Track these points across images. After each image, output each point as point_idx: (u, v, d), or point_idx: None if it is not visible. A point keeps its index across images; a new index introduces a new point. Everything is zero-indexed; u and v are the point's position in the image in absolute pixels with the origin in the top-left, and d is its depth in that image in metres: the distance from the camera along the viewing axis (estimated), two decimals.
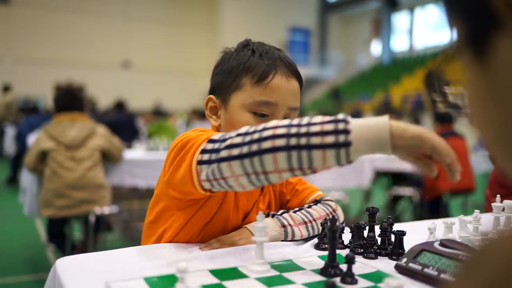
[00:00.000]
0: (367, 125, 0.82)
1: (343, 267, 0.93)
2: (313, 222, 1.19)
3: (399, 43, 26.38)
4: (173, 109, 13.70)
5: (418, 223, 1.43)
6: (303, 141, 0.82)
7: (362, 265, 1.00)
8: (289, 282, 0.89)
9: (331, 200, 1.30)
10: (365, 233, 1.11)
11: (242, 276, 0.91)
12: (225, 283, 0.87)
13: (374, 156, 5.06)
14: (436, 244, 0.98)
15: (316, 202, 1.29)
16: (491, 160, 2.03)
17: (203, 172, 0.94)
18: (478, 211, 1.23)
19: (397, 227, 1.19)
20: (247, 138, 0.87)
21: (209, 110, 1.22)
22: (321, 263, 1.00)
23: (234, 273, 0.92)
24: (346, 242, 1.14)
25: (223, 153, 0.89)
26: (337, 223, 0.94)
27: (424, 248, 0.97)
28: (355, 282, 0.88)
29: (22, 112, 9.60)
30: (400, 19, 26.37)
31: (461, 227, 1.20)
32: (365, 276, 0.93)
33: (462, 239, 1.15)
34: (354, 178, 4.44)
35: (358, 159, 0.84)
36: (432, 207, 4.72)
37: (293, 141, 0.82)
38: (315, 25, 26.88)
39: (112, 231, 4.10)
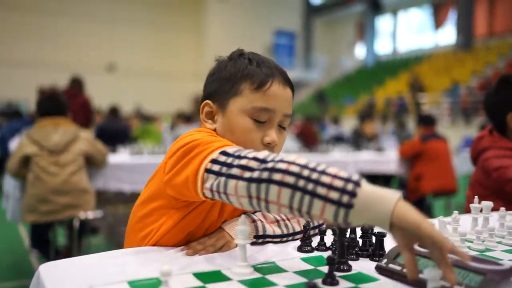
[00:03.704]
0: (375, 195, 0.81)
1: (325, 268, 0.94)
2: (286, 221, 1.22)
3: (383, 46, 26.64)
4: (158, 113, 13.63)
5: None
6: (310, 186, 0.84)
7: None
8: (272, 284, 0.90)
9: None
10: (347, 235, 1.13)
11: (225, 279, 0.92)
12: (208, 286, 0.88)
13: (358, 158, 5.11)
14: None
15: None
16: (473, 161, 2.08)
17: (208, 181, 0.98)
18: (457, 212, 1.25)
19: (378, 229, 1.21)
20: (262, 165, 0.90)
21: (204, 115, 1.24)
22: (304, 266, 1.02)
23: (217, 276, 0.93)
24: (328, 244, 1.16)
25: (235, 171, 0.93)
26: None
27: None
28: (336, 283, 0.90)
29: (4, 116, 9.48)
30: (383, 22, 26.64)
31: (441, 228, 1.23)
32: (346, 278, 0.95)
33: None
34: None
35: (343, 160, 0.86)
36: (416, 208, 4.78)
37: (301, 183, 0.85)
38: (300, 28, 27.03)
39: (97, 234, 4.07)
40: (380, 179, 5.44)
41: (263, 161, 0.91)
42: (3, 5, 19.13)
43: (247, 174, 0.91)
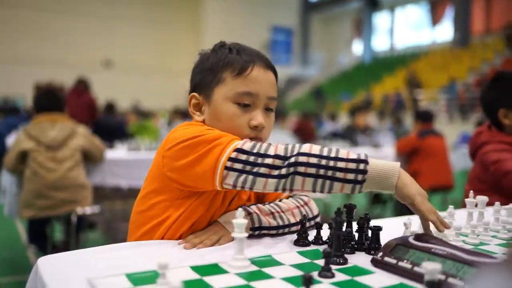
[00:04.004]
0: (381, 169, 1.02)
1: (321, 262, 0.95)
2: (281, 213, 1.23)
3: (380, 43, 26.62)
4: (155, 109, 13.62)
5: (395, 219, 1.47)
6: (329, 173, 1.00)
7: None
8: (269, 276, 0.91)
9: (305, 196, 1.34)
10: (343, 229, 1.14)
11: (222, 271, 0.93)
12: (205, 278, 0.89)
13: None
14: (410, 239, 1.01)
15: (289, 197, 1.33)
16: (471, 156, 2.09)
17: (229, 178, 1.05)
18: (452, 206, 1.27)
19: (374, 223, 1.22)
20: (286, 162, 1.02)
21: (192, 107, 1.27)
22: (300, 259, 1.03)
23: (214, 269, 0.94)
24: (324, 238, 1.17)
25: (263, 170, 1.02)
26: (341, 216, 1.02)
27: (399, 243, 1.00)
28: (332, 276, 0.91)
29: (1, 112, 9.46)
30: (381, 18, 26.61)
31: None
32: (342, 270, 0.96)
33: (436, 233, 1.18)
34: None
35: None
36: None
37: (321, 171, 1.00)
38: (297, 25, 26.99)
39: (94, 229, 4.07)
40: None
41: (285, 157, 1.02)
42: (0, 2, 19.06)
43: (275, 172, 1.02)
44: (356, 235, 1.13)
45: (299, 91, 24.73)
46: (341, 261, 1.00)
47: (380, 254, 1.00)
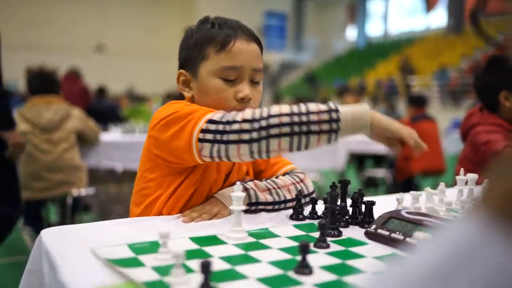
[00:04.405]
0: (352, 113, 1.04)
1: (316, 234, 0.99)
2: (278, 189, 1.26)
3: (374, 28, 26.58)
4: (149, 93, 13.57)
5: (387, 196, 1.50)
6: (304, 128, 1.01)
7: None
8: (266, 247, 0.94)
9: (301, 173, 1.37)
10: (338, 203, 1.17)
11: (221, 242, 0.96)
12: (205, 248, 0.92)
13: (348, 139, 5.15)
14: (403, 212, 1.04)
15: (285, 174, 1.36)
16: (462, 137, 2.13)
17: (205, 149, 1.06)
18: (443, 183, 1.30)
19: (367, 198, 1.25)
20: (256, 125, 1.01)
21: (181, 84, 1.30)
22: (296, 232, 1.06)
23: (213, 240, 0.97)
24: (319, 213, 1.20)
25: (233, 137, 1.02)
26: (336, 190, 1.06)
27: (391, 216, 1.04)
28: (327, 246, 0.94)
29: None
30: (375, 4, 26.54)
31: (428, 198, 1.28)
32: (337, 242, 0.99)
33: (428, 209, 1.22)
34: (329, 160, 4.52)
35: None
36: (404, 187, 4.84)
37: (296, 128, 1.00)
38: (291, 10, 26.85)
39: (89, 211, 4.10)
40: (370, 159, 5.51)
41: (253, 120, 1.02)
42: None
43: (245, 136, 1.01)
44: (350, 209, 1.16)
45: (293, 76, 24.70)
46: (336, 233, 1.03)
47: (373, 226, 1.03)
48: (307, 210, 1.21)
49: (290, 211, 1.20)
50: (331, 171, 4.97)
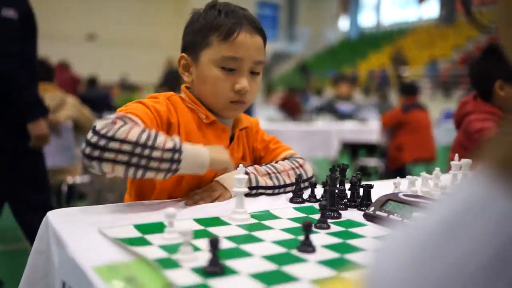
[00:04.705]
0: (193, 156, 1.05)
1: (316, 216, 1.01)
2: (277, 174, 1.29)
3: (367, 19, 26.59)
4: (141, 83, 13.52)
5: (385, 181, 1.53)
6: (143, 162, 0.99)
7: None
8: (268, 227, 0.97)
9: (300, 158, 1.39)
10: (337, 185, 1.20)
11: (224, 223, 0.99)
12: (209, 229, 0.94)
13: (341, 128, 5.20)
14: (400, 195, 1.07)
15: (285, 159, 1.38)
16: (456, 125, 2.17)
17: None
18: (438, 168, 1.33)
19: (366, 181, 1.28)
20: (99, 142, 0.97)
21: (182, 67, 1.30)
22: (296, 214, 1.09)
23: (216, 221, 1.00)
24: (318, 196, 1.22)
25: (84, 148, 1.00)
26: (336, 173, 1.09)
27: (389, 198, 1.07)
28: (328, 227, 0.97)
29: None
30: None
31: (423, 183, 1.31)
32: (337, 223, 1.02)
33: (423, 193, 1.25)
34: (322, 148, 4.56)
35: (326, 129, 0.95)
36: (396, 176, 4.90)
37: (134, 160, 0.99)
38: (284, 0, 26.77)
39: (84, 199, 4.11)
40: (363, 148, 5.55)
41: (99, 135, 0.98)
42: None
43: (87, 150, 0.99)
44: (349, 193, 1.19)
45: (285, 67, 24.68)
46: (335, 215, 1.06)
47: (372, 208, 1.06)
48: (306, 194, 1.24)
49: (290, 195, 1.23)
50: (324, 160, 5.01)
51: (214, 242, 0.71)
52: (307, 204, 1.19)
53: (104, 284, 0.67)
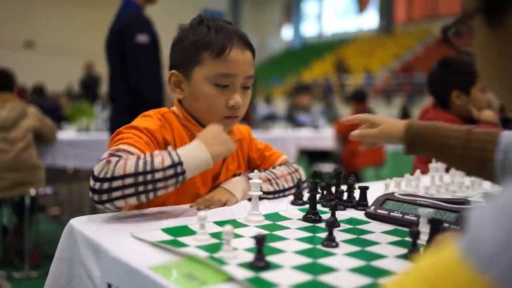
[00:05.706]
0: (194, 160, 1.09)
1: (326, 216, 1.11)
2: (277, 179, 1.37)
3: (309, 29, 27.24)
4: None
5: (374, 183, 1.64)
6: (150, 187, 1.04)
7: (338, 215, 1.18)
8: (285, 227, 1.05)
9: (295, 163, 1.49)
10: (332, 189, 1.30)
11: (242, 225, 1.06)
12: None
13: (298, 135, 5.35)
14: (396, 194, 1.19)
15: (282, 165, 1.47)
16: None
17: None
18: (419, 170, 1.46)
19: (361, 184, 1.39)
20: (102, 186, 1.01)
21: (172, 84, 1.32)
22: (303, 214, 1.17)
23: (235, 223, 1.06)
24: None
25: (92, 195, 1.04)
26: (318, 181, 1.15)
27: (387, 197, 1.18)
28: (338, 225, 1.07)
29: None
30: (309, 5, 27.19)
31: (407, 183, 1.43)
32: (344, 222, 1.11)
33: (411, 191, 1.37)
34: None
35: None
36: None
37: (140, 188, 1.03)
38: (228, 8, 26.94)
39: (45, 211, 4.02)
40: (318, 155, 5.73)
41: (97, 179, 1.02)
42: None
43: (95, 197, 1.03)
44: (345, 194, 1.29)
45: None
46: (317, 218, 1.12)
47: (373, 207, 1.17)
48: (305, 196, 1.33)
49: (290, 198, 1.32)
50: None
51: (260, 239, 0.78)
52: (307, 206, 1.27)
53: (166, 281, 0.72)
